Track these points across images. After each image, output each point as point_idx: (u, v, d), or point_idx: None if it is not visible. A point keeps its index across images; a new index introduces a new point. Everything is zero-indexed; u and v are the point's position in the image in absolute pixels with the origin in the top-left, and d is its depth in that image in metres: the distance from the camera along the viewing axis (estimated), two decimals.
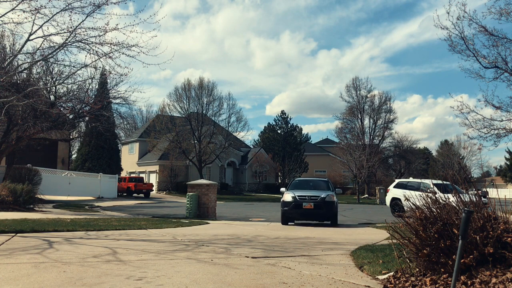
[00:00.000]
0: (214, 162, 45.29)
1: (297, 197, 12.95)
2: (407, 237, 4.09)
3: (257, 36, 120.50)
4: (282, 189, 14.48)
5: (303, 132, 70.94)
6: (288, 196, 13.14)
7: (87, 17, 10.74)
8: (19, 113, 18.62)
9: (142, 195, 36.67)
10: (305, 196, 12.99)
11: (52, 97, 20.09)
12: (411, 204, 4.19)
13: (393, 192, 21.95)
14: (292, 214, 13.01)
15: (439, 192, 4.25)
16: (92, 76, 19.57)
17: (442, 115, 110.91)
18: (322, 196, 12.92)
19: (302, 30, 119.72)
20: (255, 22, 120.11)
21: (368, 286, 3.94)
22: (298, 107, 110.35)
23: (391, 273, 4.21)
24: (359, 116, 52.24)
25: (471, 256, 3.53)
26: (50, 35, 10.83)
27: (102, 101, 18.97)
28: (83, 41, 10.90)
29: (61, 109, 21.24)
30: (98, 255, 5.47)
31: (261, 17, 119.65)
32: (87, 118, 24.84)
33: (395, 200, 21.30)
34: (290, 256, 5.92)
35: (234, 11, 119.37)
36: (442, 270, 3.69)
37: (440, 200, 4.05)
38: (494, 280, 3.34)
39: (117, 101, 22.34)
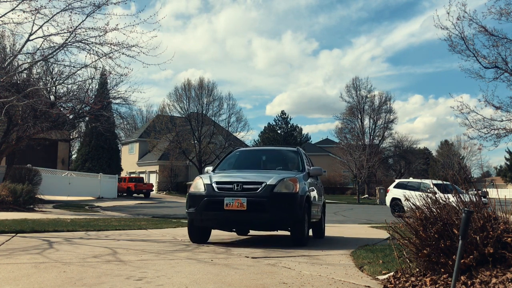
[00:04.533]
0: (214, 162, 45.30)
1: (214, 185, 6.85)
2: (407, 237, 4.09)
3: (259, 36, 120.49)
4: (207, 168, 8.28)
5: (303, 132, 71.06)
6: (198, 184, 7.05)
7: (87, 17, 10.76)
8: (19, 113, 18.63)
9: (142, 195, 36.71)
10: (231, 183, 6.82)
11: (52, 97, 20.11)
12: (411, 204, 4.19)
13: (393, 192, 22.01)
14: (206, 222, 7.01)
15: (439, 192, 4.25)
16: (92, 76, 19.62)
17: (443, 115, 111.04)
18: (268, 182, 6.71)
19: (304, 30, 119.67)
20: (257, 22, 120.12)
21: (368, 286, 3.94)
22: (298, 107, 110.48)
23: (391, 273, 4.21)
24: (359, 116, 52.33)
25: (471, 256, 3.53)
26: (50, 35, 10.84)
27: (102, 101, 19.00)
28: (83, 41, 10.92)
29: (61, 109, 21.28)
30: (98, 255, 5.47)
31: (263, 17, 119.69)
32: (87, 118, 24.89)
33: (395, 200, 21.36)
34: (290, 256, 5.92)
35: (236, 11, 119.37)
36: (442, 270, 3.69)
37: (440, 200, 4.05)
38: (494, 280, 3.34)
39: (117, 101, 22.40)
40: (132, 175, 45.40)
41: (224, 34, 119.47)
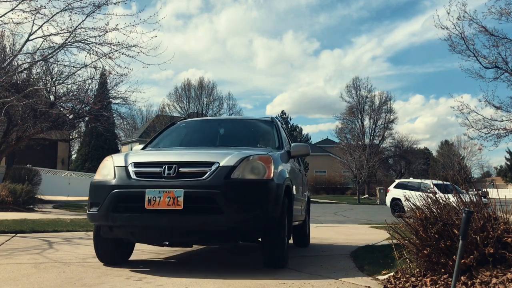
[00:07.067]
0: None
1: (130, 168, 4.24)
2: (407, 237, 4.09)
3: (260, 35, 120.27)
4: (136, 146, 6.13)
5: (303, 132, 70.99)
6: (106, 167, 4.46)
7: (87, 17, 10.77)
8: (19, 113, 18.62)
9: None
10: (158, 164, 4.21)
11: (52, 97, 20.11)
12: (411, 205, 4.18)
13: (393, 192, 22.03)
14: (117, 230, 4.30)
15: (440, 192, 4.24)
16: (92, 76, 19.59)
17: (444, 115, 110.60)
18: (222, 162, 4.11)
19: (305, 30, 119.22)
20: (258, 22, 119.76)
21: (368, 286, 3.94)
22: (299, 107, 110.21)
23: (391, 274, 4.20)
24: (359, 116, 52.36)
25: (471, 257, 3.53)
26: (50, 35, 10.85)
27: (102, 101, 19.01)
28: (83, 41, 10.93)
29: (61, 109, 21.26)
30: None
31: (264, 17, 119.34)
32: (87, 118, 24.85)
33: (395, 201, 21.36)
34: (290, 256, 5.91)
35: (237, 10, 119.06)
36: (443, 270, 3.69)
37: (441, 201, 4.05)
38: (494, 280, 3.34)
39: (117, 101, 22.35)
40: None
41: (225, 34, 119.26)
